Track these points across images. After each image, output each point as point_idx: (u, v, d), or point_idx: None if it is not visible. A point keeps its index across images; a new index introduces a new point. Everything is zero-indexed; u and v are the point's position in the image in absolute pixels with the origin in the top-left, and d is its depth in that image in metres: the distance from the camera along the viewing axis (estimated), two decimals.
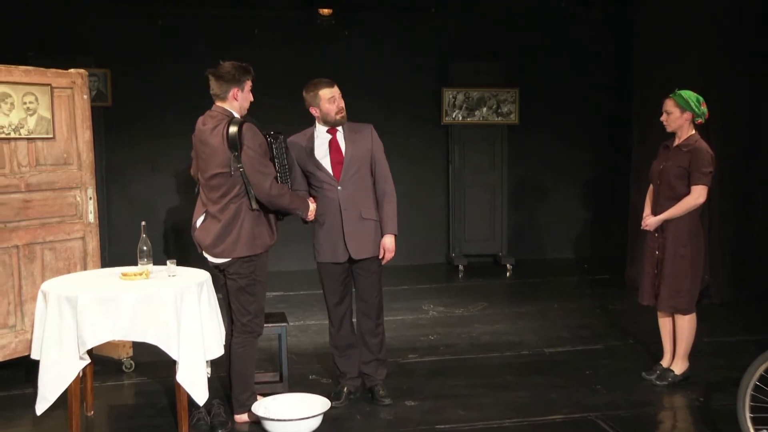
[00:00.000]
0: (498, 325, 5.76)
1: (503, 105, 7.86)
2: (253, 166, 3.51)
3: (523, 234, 8.38)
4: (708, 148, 4.25)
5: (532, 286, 7.18)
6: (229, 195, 3.57)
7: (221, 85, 3.58)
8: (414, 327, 5.74)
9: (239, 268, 3.63)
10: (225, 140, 3.49)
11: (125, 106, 7.38)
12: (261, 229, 3.63)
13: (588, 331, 5.54)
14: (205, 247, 3.64)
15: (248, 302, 3.69)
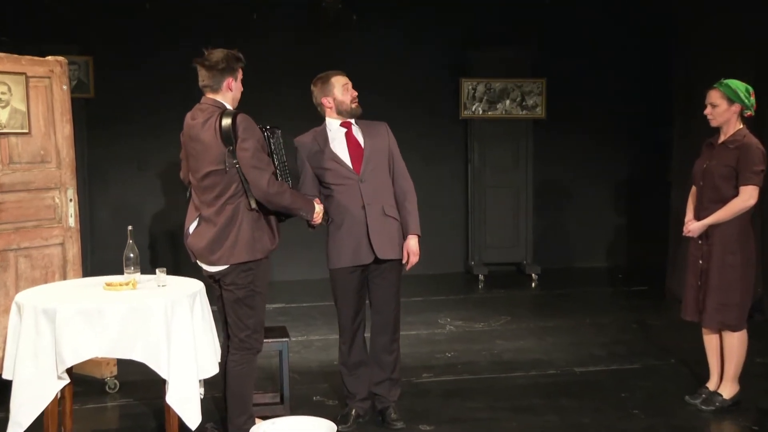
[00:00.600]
0: (522, 342, 5.75)
1: (528, 97, 7.84)
2: (249, 161, 3.51)
3: (550, 240, 8.37)
4: (758, 144, 4.20)
5: (561, 298, 7.18)
6: (224, 195, 3.56)
7: (213, 75, 3.60)
8: (429, 343, 5.74)
9: (236, 277, 3.62)
10: (218, 134, 3.50)
11: (109, 98, 7.40)
12: (261, 232, 3.62)
13: (624, 349, 5.51)
14: (200, 254, 3.64)
15: (246, 315, 3.68)
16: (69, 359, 3.32)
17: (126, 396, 4.62)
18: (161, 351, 3.37)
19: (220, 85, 3.61)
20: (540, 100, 7.86)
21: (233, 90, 3.64)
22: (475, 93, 7.81)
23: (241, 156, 3.50)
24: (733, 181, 4.17)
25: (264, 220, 3.64)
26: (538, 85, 7.84)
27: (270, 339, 4.13)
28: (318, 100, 4.11)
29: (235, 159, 3.50)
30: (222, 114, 3.53)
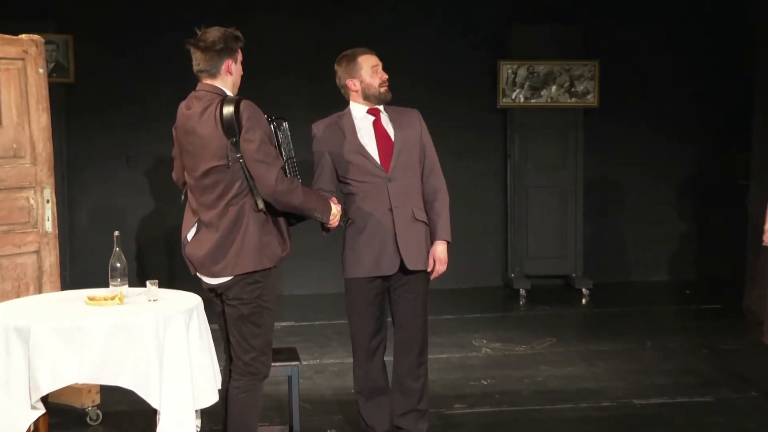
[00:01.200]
0: (571, 368, 5.73)
1: (578, 82, 7.80)
2: (254, 155, 3.50)
3: (603, 249, 8.34)
4: None
5: (617, 318, 7.14)
6: (227, 195, 3.56)
7: (211, 58, 3.60)
8: (462, 368, 5.73)
9: (242, 291, 3.62)
10: (218, 124, 3.50)
11: (92, 83, 7.46)
12: (270, 237, 3.62)
13: (693, 378, 5.46)
14: (200, 265, 3.63)
15: (252, 335, 3.67)
16: (45, 386, 3.31)
17: (110, 428, 4.63)
18: (152, 376, 3.35)
19: (218, 69, 3.61)
20: (592, 85, 7.81)
21: (233, 74, 3.65)
22: (516, 77, 7.79)
23: (246, 148, 3.49)
24: None
25: (272, 223, 3.63)
26: (590, 67, 7.80)
27: (278, 362, 4.12)
28: (342, 81, 4.11)
29: (238, 152, 3.49)
30: (223, 101, 3.54)
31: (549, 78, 7.81)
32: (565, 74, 7.82)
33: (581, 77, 7.83)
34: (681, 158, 8.34)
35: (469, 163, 8.09)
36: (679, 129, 8.27)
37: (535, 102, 7.82)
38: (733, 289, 7.27)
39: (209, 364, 3.66)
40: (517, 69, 7.80)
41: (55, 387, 3.34)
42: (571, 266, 7.99)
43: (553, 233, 7.93)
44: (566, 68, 7.82)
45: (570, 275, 8.01)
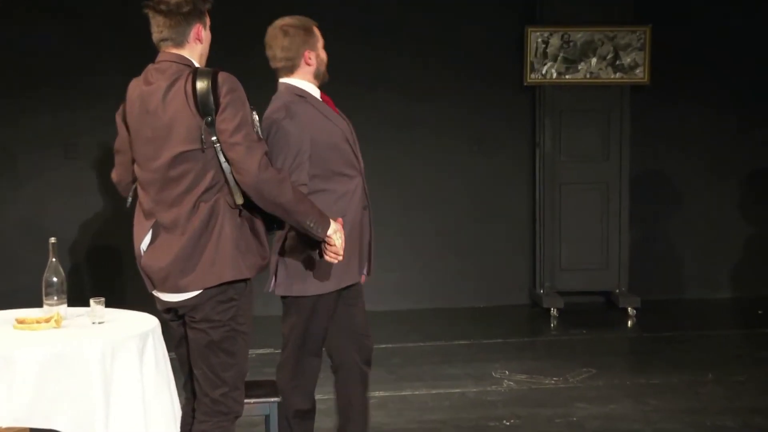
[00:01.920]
0: (614, 405, 5.73)
1: (624, 54, 7.83)
2: (233, 137, 3.49)
3: (652, 260, 8.37)
4: None
5: (670, 343, 7.15)
6: (197, 189, 3.55)
7: (177, 23, 3.60)
8: (480, 405, 5.75)
9: (212, 311, 3.60)
10: (190, 101, 3.50)
11: (19, 56, 7.44)
12: (248, 240, 3.62)
13: (766, 420, 5.46)
14: (163, 278, 3.61)
15: (224, 366, 3.66)
16: None
17: None
18: (96, 417, 3.34)
19: (185, 36, 3.61)
20: (642, 57, 7.83)
21: (203, 41, 3.67)
22: (547, 48, 7.82)
23: (224, 128, 3.49)
24: None
25: (249, 224, 3.63)
26: (640, 35, 7.82)
27: (253, 399, 4.10)
28: (298, 51, 4.10)
29: (214, 135, 3.50)
30: (195, 73, 3.54)
31: (588, 48, 7.83)
32: (609, 43, 7.84)
33: (628, 47, 7.85)
34: (751, 148, 8.34)
35: (490, 154, 8.13)
36: (750, 112, 8.29)
37: (570, 78, 7.85)
38: None
39: (168, 401, 3.65)
40: (549, 37, 7.83)
41: None
42: (613, 281, 8.02)
43: (592, 240, 7.96)
44: (610, 36, 7.84)
45: (612, 291, 8.04)
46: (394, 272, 7.97)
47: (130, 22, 7.28)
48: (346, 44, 7.64)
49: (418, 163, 7.86)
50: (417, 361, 6.62)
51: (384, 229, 7.95)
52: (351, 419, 4.44)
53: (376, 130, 7.54)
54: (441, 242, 8.07)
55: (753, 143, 8.35)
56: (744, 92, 8.27)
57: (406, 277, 8.03)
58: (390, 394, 5.94)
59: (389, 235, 7.98)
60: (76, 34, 7.53)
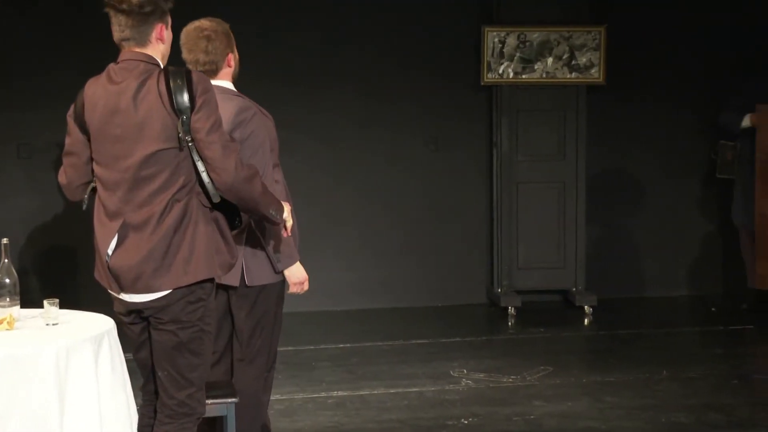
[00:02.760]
0: (571, 403, 5.76)
1: (580, 54, 7.86)
2: (209, 135, 3.51)
3: (608, 258, 8.41)
4: None
5: (626, 341, 7.20)
6: (171, 188, 3.53)
7: (139, 22, 3.58)
8: (437, 405, 5.76)
9: (182, 311, 3.59)
10: (165, 99, 3.50)
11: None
12: (219, 239, 3.64)
13: (720, 416, 5.50)
14: (133, 279, 3.57)
15: (191, 367, 3.65)
16: None
17: None
18: (50, 421, 3.33)
19: (148, 36, 3.60)
20: (597, 57, 7.86)
21: (165, 41, 3.65)
22: (504, 48, 7.83)
23: (200, 127, 3.50)
24: None
25: (217, 224, 3.65)
26: (595, 35, 7.85)
27: (211, 399, 4.06)
28: (223, 54, 4.21)
29: (189, 135, 3.49)
30: (167, 72, 3.54)
31: (544, 48, 7.85)
32: (564, 43, 7.86)
33: (584, 47, 7.88)
34: (708, 147, 8.31)
35: (447, 153, 8.13)
36: (706, 112, 8.30)
37: (527, 78, 7.86)
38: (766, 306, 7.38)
39: (123, 403, 3.65)
40: (506, 37, 7.83)
41: None
42: (570, 279, 8.04)
43: (549, 239, 7.99)
44: (565, 36, 7.86)
45: (569, 290, 8.06)
46: (352, 272, 7.98)
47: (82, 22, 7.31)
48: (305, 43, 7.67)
49: (376, 163, 7.85)
50: (375, 360, 6.62)
51: (342, 228, 8.00)
52: None
53: (334, 129, 7.56)
54: (399, 241, 8.07)
55: (709, 142, 8.38)
56: (700, 91, 8.33)
57: (364, 277, 8.03)
58: (348, 393, 5.94)
59: (347, 235, 8.00)
60: (27, 34, 7.45)
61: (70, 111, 3.69)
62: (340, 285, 8.00)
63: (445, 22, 7.99)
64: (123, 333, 3.74)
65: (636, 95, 8.24)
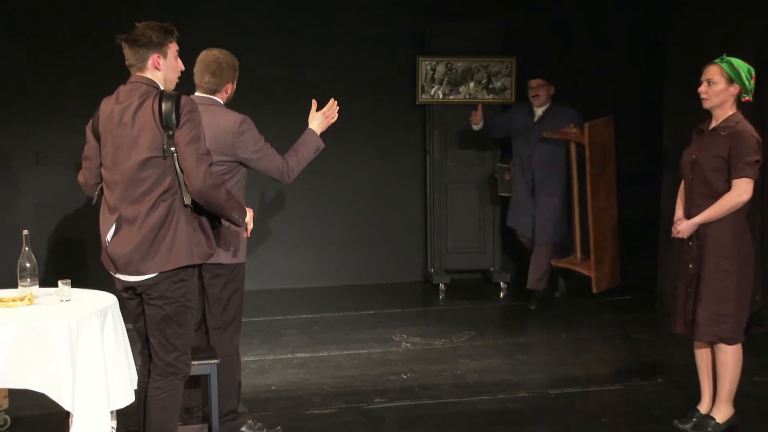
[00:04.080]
0: (489, 361, 5.80)
1: (496, 79, 7.89)
2: (187, 149, 3.51)
3: (520, 244, 8.32)
4: (753, 131, 4.28)
5: (533, 311, 7.22)
6: (157, 190, 3.54)
7: (136, 51, 3.60)
8: (382, 363, 5.77)
9: (167, 289, 3.59)
10: (156, 116, 3.50)
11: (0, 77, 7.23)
12: (199, 234, 3.64)
13: (605, 368, 5.59)
14: (126, 262, 3.58)
15: (175, 335, 3.66)
16: None
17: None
18: (64, 378, 3.31)
19: (144, 63, 3.61)
20: (509, 82, 7.89)
21: (161, 69, 3.63)
22: (435, 74, 7.82)
23: (179, 141, 3.51)
24: (724, 173, 4.25)
25: (199, 222, 3.65)
26: (507, 64, 7.89)
27: (196, 361, 4.07)
28: (224, 82, 4.28)
29: (173, 146, 3.50)
30: (162, 95, 3.54)
31: (467, 74, 7.86)
32: (483, 71, 7.89)
33: (499, 74, 7.91)
34: None
35: (390, 159, 8.12)
36: None
37: (453, 98, 7.86)
38: (645, 281, 7.45)
39: (125, 364, 3.64)
40: (436, 65, 7.84)
41: None
42: (489, 261, 8.06)
43: (472, 228, 7.98)
44: (484, 65, 7.88)
45: (488, 269, 8.08)
46: (313, 257, 7.97)
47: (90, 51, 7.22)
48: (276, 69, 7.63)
49: (333, 167, 7.78)
50: (331, 328, 6.61)
51: (303, 221, 7.99)
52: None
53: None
54: (351, 231, 8.05)
55: None
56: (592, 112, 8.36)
57: (323, 260, 8.02)
58: (310, 355, 5.93)
59: (309, 226, 7.99)
60: (44, 60, 7.33)
61: (89, 123, 3.71)
62: (303, 267, 7.99)
63: (389, 53, 7.96)
64: (124, 307, 3.73)
65: None
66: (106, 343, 3.51)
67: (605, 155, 7.08)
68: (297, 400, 5.03)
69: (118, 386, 3.55)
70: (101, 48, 7.18)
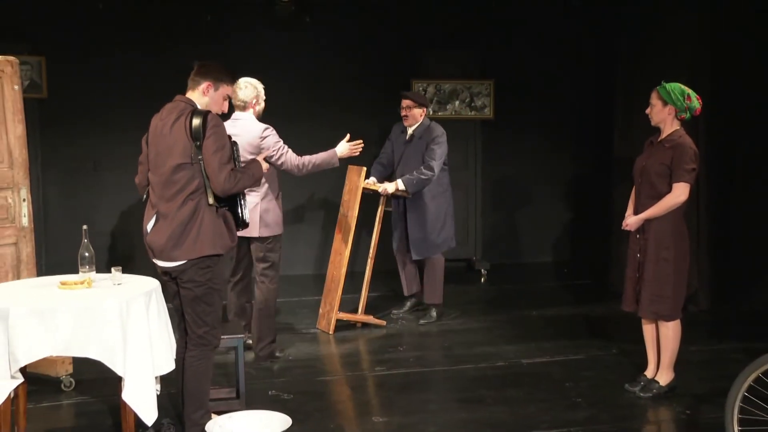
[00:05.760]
0: (472, 335, 5.82)
1: (477, 98, 7.92)
2: (211, 157, 3.56)
3: (498, 237, 8.44)
4: (692, 144, 4.34)
5: (509, 293, 7.24)
6: (186, 190, 3.59)
7: (197, 74, 3.71)
8: (382, 338, 5.79)
9: (195, 274, 3.63)
10: (187, 130, 3.56)
11: (63, 98, 7.27)
12: (221, 229, 3.67)
13: (568, 341, 5.62)
14: (160, 250, 3.63)
15: (204, 312, 3.70)
16: (22, 359, 3.28)
17: (82, 394, 4.56)
18: (117, 349, 3.34)
19: (197, 86, 3.70)
20: (488, 101, 7.92)
21: (208, 96, 3.71)
22: (426, 94, 7.83)
23: (205, 151, 3.56)
24: (667, 178, 4.31)
25: (223, 218, 3.68)
26: (487, 86, 7.91)
27: (226, 335, 4.13)
28: (251, 99, 4.93)
29: (200, 154, 3.55)
30: (193, 112, 3.60)
31: (453, 95, 7.89)
32: (466, 91, 7.91)
33: (479, 94, 7.93)
34: (561, 160, 8.46)
35: None
36: (561, 136, 8.41)
37: (441, 114, 7.85)
38: (600, 268, 7.47)
39: (166, 337, 3.66)
40: (427, 87, 7.86)
41: (30, 359, 3.31)
42: (471, 251, 8.07)
43: (457, 223, 7.83)
44: (467, 86, 7.90)
45: (471, 258, 8.08)
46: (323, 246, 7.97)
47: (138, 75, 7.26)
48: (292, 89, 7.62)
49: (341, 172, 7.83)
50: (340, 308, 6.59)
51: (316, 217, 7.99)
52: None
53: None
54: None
55: (563, 159, 8.49)
56: (558, 126, 8.42)
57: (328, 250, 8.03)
58: (320, 331, 5.94)
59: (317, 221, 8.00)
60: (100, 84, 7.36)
61: (144, 136, 3.77)
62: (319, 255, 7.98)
63: (387, 76, 7.95)
64: (165, 289, 3.77)
65: (515, 127, 8.25)
66: (150, 320, 3.54)
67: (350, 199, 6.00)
68: (310, 369, 5.06)
69: (161, 355, 3.57)
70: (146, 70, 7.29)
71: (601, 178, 8.00)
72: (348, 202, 6.00)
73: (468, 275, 7.95)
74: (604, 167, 7.83)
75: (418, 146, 6.03)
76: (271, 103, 5.15)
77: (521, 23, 8.15)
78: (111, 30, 7.32)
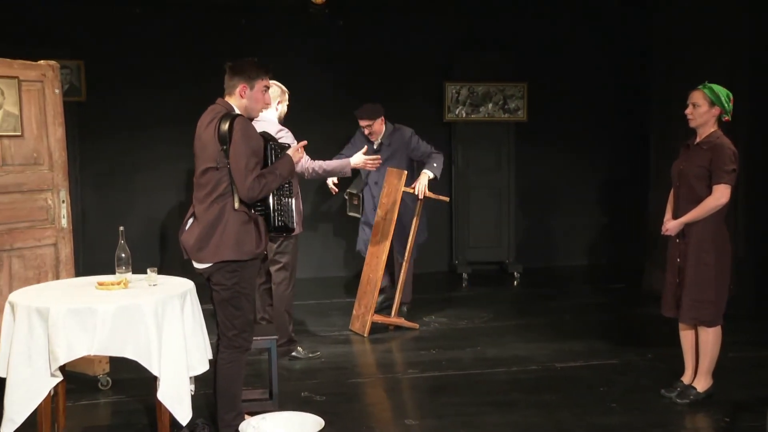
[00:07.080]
0: (505, 339, 5.78)
1: (510, 101, 7.87)
2: (236, 163, 3.53)
3: (531, 240, 8.38)
4: (731, 145, 4.26)
5: (542, 297, 7.19)
6: (214, 193, 3.59)
7: (231, 77, 3.65)
8: (414, 340, 5.77)
9: (222, 277, 3.64)
10: (216, 134, 3.55)
11: (101, 101, 7.37)
12: (247, 234, 3.62)
13: (603, 345, 5.55)
14: (189, 251, 3.65)
15: (233, 316, 3.70)
16: (62, 357, 3.32)
17: (118, 393, 4.61)
18: (152, 349, 3.37)
19: (233, 90, 3.66)
20: (522, 103, 7.87)
21: (246, 98, 3.65)
22: (459, 96, 7.82)
23: (231, 156, 3.54)
24: (706, 180, 4.23)
25: (251, 223, 3.64)
26: (520, 88, 7.86)
27: (259, 337, 4.15)
28: (275, 101, 4.92)
29: (227, 159, 3.54)
30: (223, 116, 3.57)
31: (486, 97, 7.85)
32: (500, 94, 7.86)
33: (513, 96, 7.88)
34: (596, 162, 8.39)
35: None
36: (596, 139, 8.34)
37: (474, 117, 7.84)
38: (636, 271, 7.37)
39: (201, 338, 3.69)
40: (460, 89, 7.84)
41: (69, 358, 3.35)
42: (505, 254, 8.02)
43: (490, 227, 7.95)
44: (500, 89, 7.85)
45: (504, 261, 8.04)
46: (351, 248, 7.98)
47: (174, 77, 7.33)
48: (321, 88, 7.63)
49: None
50: None
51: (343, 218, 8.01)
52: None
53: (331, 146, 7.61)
54: None
55: (597, 162, 8.42)
56: (591, 128, 8.35)
57: None
58: (353, 333, 5.95)
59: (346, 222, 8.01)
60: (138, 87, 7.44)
61: None
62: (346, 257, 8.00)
63: (421, 78, 7.97)
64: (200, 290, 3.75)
65: (548, 129, 8.20)
66: (185, 321, 3.56)
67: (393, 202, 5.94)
68: (342, 371, 5.06)
69: (195, 356, 3.60)
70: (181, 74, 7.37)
71: (636, 182, 7.91)
72: (386, 205, 5.98)
73: (501, 278, 7.92)
74: (639, 170, 7.74)
75: (389, 150, 6.12)
76: (304, 104, 5.19)
77: (554, 25, 8.09)
78: (148, 34, 7.42)
